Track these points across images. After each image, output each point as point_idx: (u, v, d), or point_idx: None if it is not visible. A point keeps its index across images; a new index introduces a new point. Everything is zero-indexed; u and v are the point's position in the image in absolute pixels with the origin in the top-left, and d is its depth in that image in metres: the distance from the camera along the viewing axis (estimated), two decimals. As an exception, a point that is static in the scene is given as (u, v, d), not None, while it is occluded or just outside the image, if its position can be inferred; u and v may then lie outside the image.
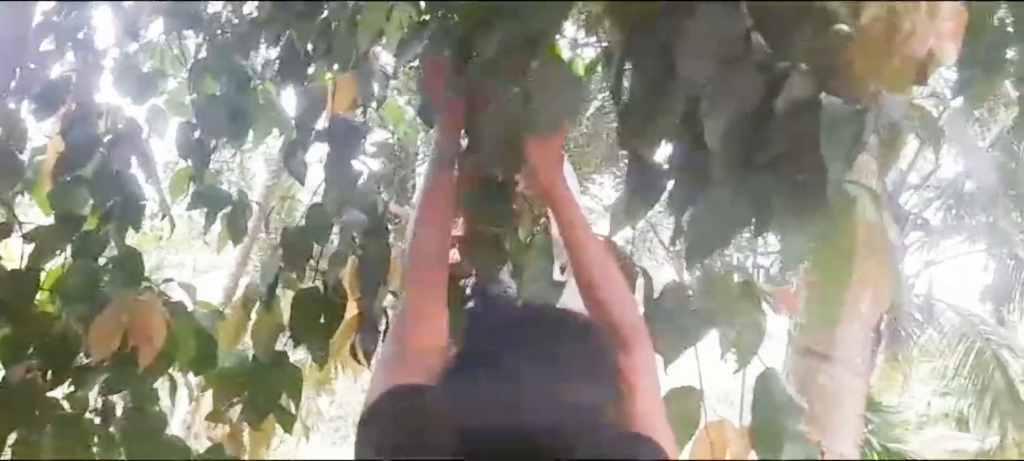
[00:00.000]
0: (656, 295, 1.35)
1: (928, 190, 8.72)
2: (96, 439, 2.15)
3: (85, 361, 2.16)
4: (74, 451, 2.08)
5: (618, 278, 1.14)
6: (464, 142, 1.83)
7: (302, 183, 1.86)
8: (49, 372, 2.14)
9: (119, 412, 2.19)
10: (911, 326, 8.58)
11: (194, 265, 13.03)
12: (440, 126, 1.38)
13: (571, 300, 1.22)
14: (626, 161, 1.27)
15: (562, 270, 1.14)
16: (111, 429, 2.16)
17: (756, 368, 1.33)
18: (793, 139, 0.90)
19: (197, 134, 2.32)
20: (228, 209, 2.42)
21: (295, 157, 1.79)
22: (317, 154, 2.08)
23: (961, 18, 0.91)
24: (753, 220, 0.94)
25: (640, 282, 1.48)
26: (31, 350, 2.12)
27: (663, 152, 1.33)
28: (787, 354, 2.70)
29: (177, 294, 2.30)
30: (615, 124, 1.33)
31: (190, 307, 2.26)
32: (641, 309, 1.32)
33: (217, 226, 2.47)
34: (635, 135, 1.15)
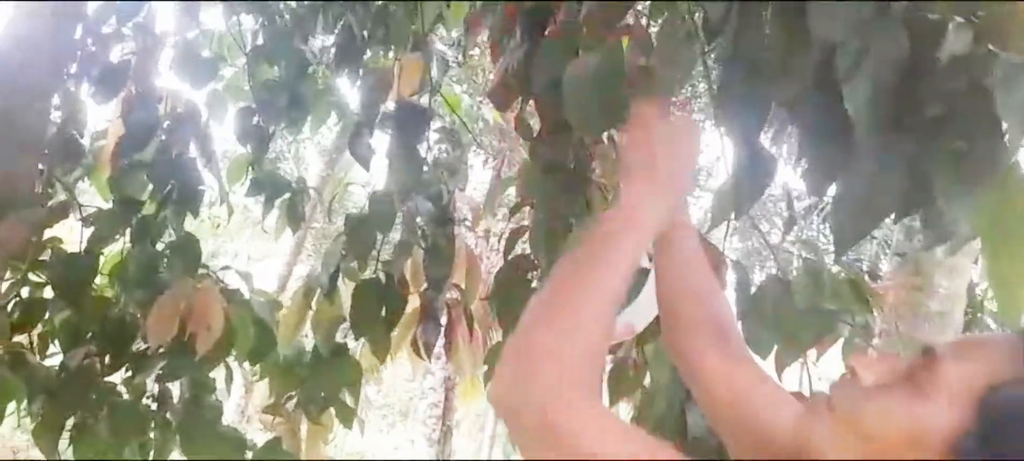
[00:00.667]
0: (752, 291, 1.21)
1: None
2: (152, 426, 2.12)
3: (143, 347, 2.13)
4: (130, 437, 2.05)
5: (711, 275, 1.02)
6: (535, 124, 1.73)
7: (367, 169, 1.78)
8: (107, 357, 2.11)
9: (175, 399, 2.16)
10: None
11: (249, 253, 13.24)
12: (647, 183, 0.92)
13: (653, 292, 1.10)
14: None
15: (650, 258, 1.02)
16: (168, 416, 2.12)
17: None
18: (950, 100, 0.76)
19: (256, 120, 2.27)
20: (287, 196, 2.37)
21: (360, 142, 1.70)
22: (376, 142, 2.01)
23: None
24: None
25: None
26: (90, 335, 2.11)
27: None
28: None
29: (235, 283, 2.26)
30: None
31: (247, 295, 2.21)
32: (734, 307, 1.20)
33: (274, 213, 2.43)
34: (743, 109, 1.01)
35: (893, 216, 0.88)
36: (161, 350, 1.98)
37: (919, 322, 2.53)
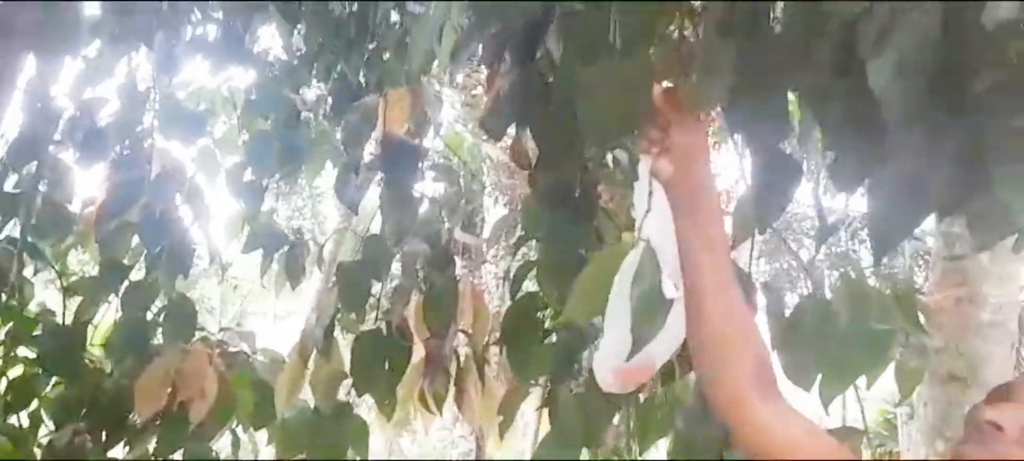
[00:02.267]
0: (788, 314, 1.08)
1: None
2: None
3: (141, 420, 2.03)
4: (130, 517, 1.93)
5: (746, 307, 0.90)
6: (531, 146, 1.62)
7: (355, 212, 1.68)
8: (104, 433, 2.01)
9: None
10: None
11: (275, 312, 13.21)
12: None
13: (680, 320, 0.97)
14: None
15: (676, 285, 0.89)
16: (170, 493, 2.00)
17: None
18: (1005, 71, 0.64)
19: (248, 173, 2.19)
20: (285, 249, 2.27)
21: (347, 185, 1.60)
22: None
23: None
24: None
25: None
26: (84, 411, 2.01)
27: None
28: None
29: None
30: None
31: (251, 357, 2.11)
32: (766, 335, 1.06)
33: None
34: (759, 108, 0.89)
35: (936, 214, 0.75)
36: (156, 421, 1.88)
37: (969, 336, 2.35)
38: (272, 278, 2.35)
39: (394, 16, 2.36)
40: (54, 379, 2.01)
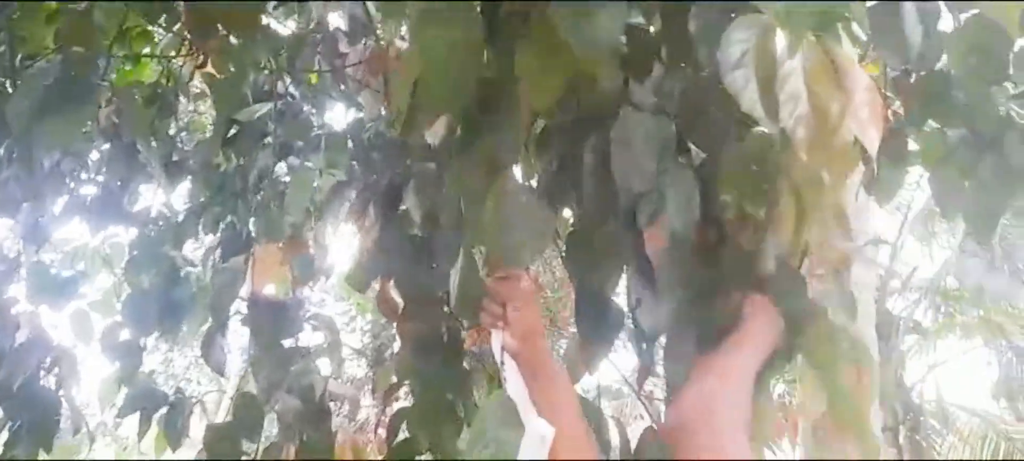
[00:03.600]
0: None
1: (912, 292, 8.61)
2: None
3: None
4: None
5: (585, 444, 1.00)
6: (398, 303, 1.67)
7: (222, 375, 1.67)
8: None
9: None
10: (930, 435, 8.16)
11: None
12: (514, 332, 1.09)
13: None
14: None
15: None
16: None
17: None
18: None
19: (124, 333, 2.14)
20: (164, 410, 2.20)
21: (213, 347, 1.61)
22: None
23: (877, 104, 0.83)
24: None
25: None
26: None
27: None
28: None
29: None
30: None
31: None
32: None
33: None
34: (583, 265, 1.01)
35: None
36: None
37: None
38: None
39: (278, 168, 2.44)
40: None
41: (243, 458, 1.56)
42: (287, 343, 1.69)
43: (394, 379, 1.67)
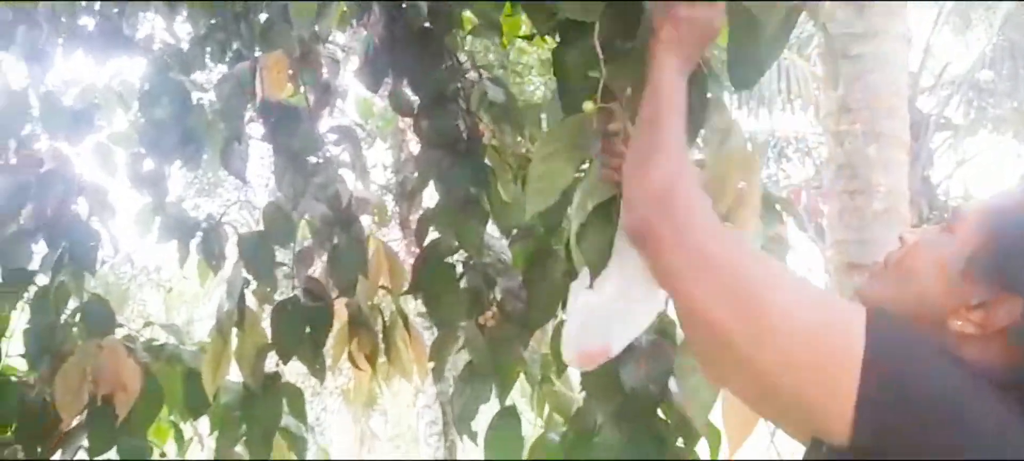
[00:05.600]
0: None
1: (944, 88, 8.34)
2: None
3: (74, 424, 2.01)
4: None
5: None
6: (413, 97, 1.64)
7: (244, 181, 1.68)
8: (36, 443, 1.99)
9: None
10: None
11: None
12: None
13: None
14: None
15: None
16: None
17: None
18: None
19: (148, 164, 2.15)
20: (198, 236, 2.25)
21: (231, 155, 1.60)
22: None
23: None
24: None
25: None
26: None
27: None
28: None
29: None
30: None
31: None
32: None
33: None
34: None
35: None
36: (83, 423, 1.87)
37: (867, 223, 2.48)
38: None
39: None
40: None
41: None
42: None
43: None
